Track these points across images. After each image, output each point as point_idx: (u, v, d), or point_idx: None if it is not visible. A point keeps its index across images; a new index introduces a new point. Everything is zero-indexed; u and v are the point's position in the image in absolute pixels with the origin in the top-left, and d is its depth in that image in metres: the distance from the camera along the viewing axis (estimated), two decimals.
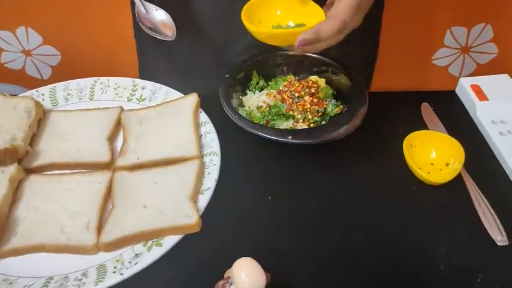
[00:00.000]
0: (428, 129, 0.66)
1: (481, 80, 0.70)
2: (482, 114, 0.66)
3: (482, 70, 1.37)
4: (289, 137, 0.58)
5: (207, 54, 0.75)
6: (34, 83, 1.37)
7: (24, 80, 1.37)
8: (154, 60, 0.82)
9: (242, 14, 0.57)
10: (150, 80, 0.72)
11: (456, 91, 0.73)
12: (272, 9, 0.59)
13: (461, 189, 0.59)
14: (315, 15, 0.56)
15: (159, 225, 0.53)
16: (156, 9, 0.63)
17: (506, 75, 0.71)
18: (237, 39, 0.72)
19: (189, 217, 0.53)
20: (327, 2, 0.58)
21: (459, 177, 0.59)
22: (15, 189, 0.58)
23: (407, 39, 1.26)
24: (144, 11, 0.62)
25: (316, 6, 0.57)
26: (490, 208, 0.56)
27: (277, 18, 0.59)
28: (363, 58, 0.82)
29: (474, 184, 0.59)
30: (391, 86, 0.85)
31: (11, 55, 1.33)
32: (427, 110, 0.69)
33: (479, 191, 0.58)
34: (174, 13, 0.66)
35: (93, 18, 1.24)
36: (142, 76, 0.85)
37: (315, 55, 0.69)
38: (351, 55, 0.69)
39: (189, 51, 0.76)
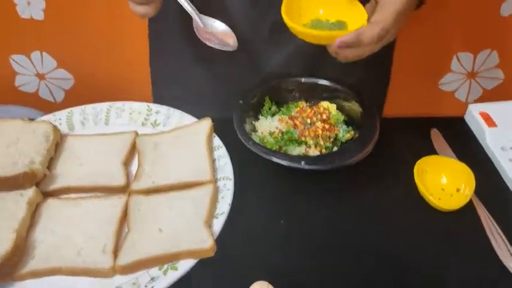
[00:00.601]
0: (438, 154, 0.67)
1: (490, 107, 0.71)
2: (492, 140, 0.67)
3: (488, 95, 1.39)
4: (303, 163, 0.59)
5: (224, 80, 0.77)
6: (47, 105, 1.39)
7: (36, 103, 1.39)
8: (168, 86, 0.84)
9: (282, 6, 0.56)
10: (163, 104, 0.73)
11: (465, 117, 0.74)
12: (312, 3, 0.58)
13: (472, 215, 0.59)
14: (357, 15, 0.55)
15: (174, 249, 0.54)
16: (214, 22, 0.65)
17: None
18: (259, 69, 0.74)
19: (204, 241, 0.54)
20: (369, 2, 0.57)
21: (470, 203, 0.60)
22: (33, 213, 0.59)
23: (415, 65, 1.28)
24: (201, 25, 0.63)
25: (360, 7, 0.55)
26: (502, 235, 0.56)
27: (317, 13, 0.58)
28: (376, 84, 0.84)
29: (485, 210, 0.59)
30: (399, 112, 0.87)
31: (25, 78, 1.36)
32: (436, 136, 0.70)
33: (490, 218, 0.58)
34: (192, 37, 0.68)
35: (107, 43, 1.27)
36: (156, 100, 0.87)
37: (325, 82, 0.71)
38: (364, 82, 0.70)
39: (205, 77, 0.78)
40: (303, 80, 0.72)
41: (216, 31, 0.64)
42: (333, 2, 0.57)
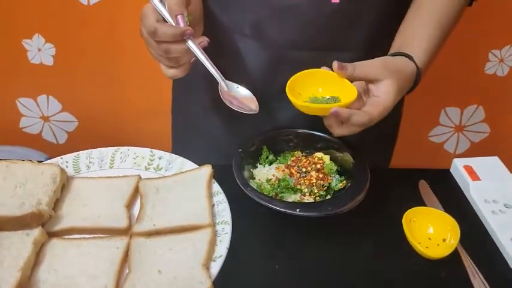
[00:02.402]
0: (425, 205, 0.70)
1: (473, 161, 0.76)
2: (475, 193, 0.71)
3: (476, 148, 1.44)
4: (297, 210, 0.62)
5: (231, 133, 0.83)
6: (49, 147, 1.43)
7: (39, 144, 1.43)
8: (185, 135, 0.89)
9: (287, 87, 0.64)
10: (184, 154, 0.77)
11: (451, 171, 0.78)
12: (310, 83, 0.65)
13: (458, 263, 0.62)
14: (348, 91, 0.62)
15: None
16: (237, 87, 0.69)
17: (496, 157, 0.77)
18: (268, 122, 0.79)
19: (202, 283, 0.56)
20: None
21: (456, 252, 0.63)
22: (37, 252, 0.61)
23: (405, 118, 1.34)
24: (226, 89, 0.68)
25: (350, 84, 0.63)
26: (485, 282, 0.59)
27: (315, 91, 0.66)
28: (383, 138, 0.89)
29: (470, 259, 0.62)
30: (391, 163, 0.91)
31: (30, 120, 1.40)
32: (424, 187, 0.74)
33: (474, 266, 0.61)
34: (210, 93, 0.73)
35: (114, 90, 1.32)
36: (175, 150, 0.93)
37: (320, 134, 0.75)
38: (369, 137, 0.74)
39: (213, 129, 0.84)
40: (299, 131, 0.76)
41: (239, 96, 0.69)
42: (327, 81, 0.65)
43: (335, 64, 0.62)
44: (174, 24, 0.62)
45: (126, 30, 1.23)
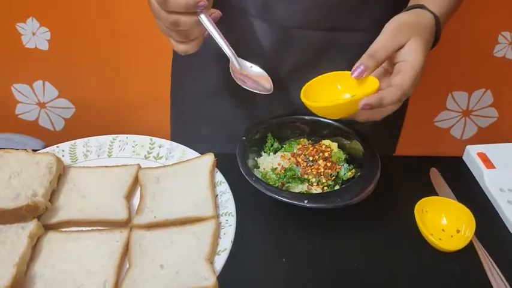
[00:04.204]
0: (437, 194, 0.68)
1: (487, 148, 0.73)
2: (490, 182, 0.68)
3: (483, 133, 1.41)
4: (305, 201, 0.59)
5: (237, 117, 0.80)
6: (46, 134, 1.40)
7: (36, 131, 1.40)
8: (185, 120, 0.86)
9: (301, 96, 0.60)
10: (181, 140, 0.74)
11: (463, 158, 0.75)
12: (324, 90, 0.61)
13: (473, 256, 0.60)
14: (367, 84, 0.58)
15: (175, 286, 0.53)
16: (251, 66, 0.65)
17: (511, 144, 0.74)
18: (273, 108, 0.76)
19: (206, 279, 0.54)
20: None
21: (471, 244, 0.60)
22: (33, 246, 0.58)
23: (410, 102, 1.31)
24: (238, 67, 0.63)
25: (370, 77, 0.59)
26: (502, 276, 0.57)
27: (330, 96, 0.61)
28: (390, 124, 0.86)
29: (486, 252, 0.60)
30: (398, 150, 0.88)
31: (26, 107, 1.37)
32: (435, 175, 0.71)
33: (491, 259, 0.59)
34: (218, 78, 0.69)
35: (111, 75, 1.29)
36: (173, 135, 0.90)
37: (327, 120, 0.72)
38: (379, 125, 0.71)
39: (214, 113, 0.81)
40: (306, 117, 0.73)
41: (252, 74, 0.64)
42: (341, 82, 0.60)
43: (353, 75, 0.58)
44: None
45: (125, 13, 1.19)
